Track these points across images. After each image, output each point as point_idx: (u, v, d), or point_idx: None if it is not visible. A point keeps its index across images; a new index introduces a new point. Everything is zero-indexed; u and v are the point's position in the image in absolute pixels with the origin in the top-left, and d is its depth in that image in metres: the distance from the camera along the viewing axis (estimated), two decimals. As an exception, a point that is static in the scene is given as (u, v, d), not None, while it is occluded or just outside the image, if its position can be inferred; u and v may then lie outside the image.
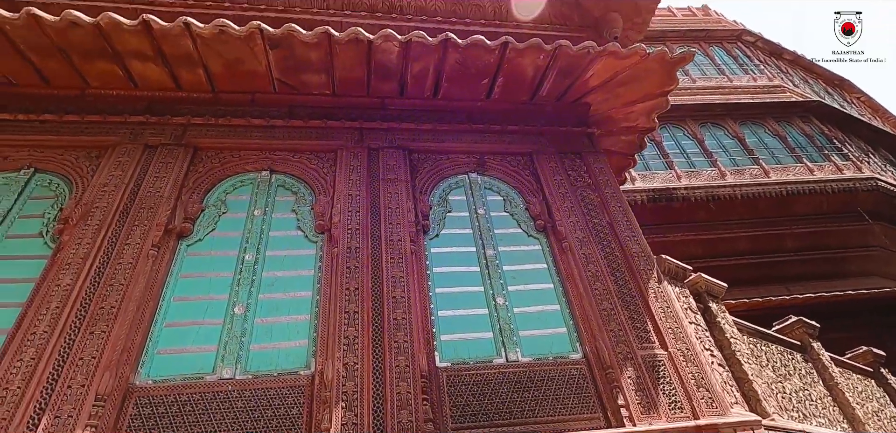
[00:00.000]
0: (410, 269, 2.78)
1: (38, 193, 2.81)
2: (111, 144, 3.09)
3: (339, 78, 3.72)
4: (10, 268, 2.45)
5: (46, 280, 2.35)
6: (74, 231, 2.56)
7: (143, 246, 2.56)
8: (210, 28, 3.18)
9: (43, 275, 2.39)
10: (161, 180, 2.93)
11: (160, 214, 2.73)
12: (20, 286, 2.35)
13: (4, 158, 2.91)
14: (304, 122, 3.58)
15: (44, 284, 2.34)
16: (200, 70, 3.48)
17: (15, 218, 2.66)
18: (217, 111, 3.51)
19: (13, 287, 2.36)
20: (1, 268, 2.45)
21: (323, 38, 3.35)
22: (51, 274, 2.37)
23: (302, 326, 2.47)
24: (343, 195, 3.14)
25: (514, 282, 2.91)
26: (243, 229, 2.85)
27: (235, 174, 3.19)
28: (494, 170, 3.74)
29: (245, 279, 2.60)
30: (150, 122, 3.26)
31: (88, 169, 2.95)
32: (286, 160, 3.36)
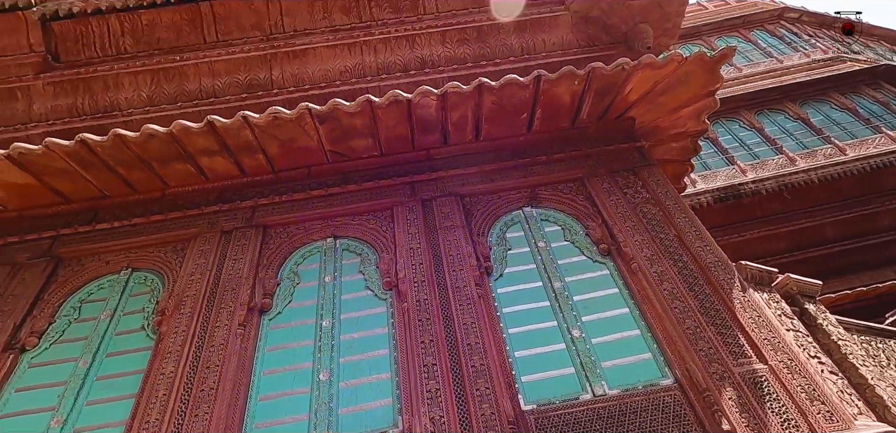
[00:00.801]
0: (480, 314, 2.83)
1: (137, 290, 3.15)
2: (192, 235, 3.43)
3: (385, 138, 3.93)
4: (121, 363, 2.74)
5: (152, 369, 2.60)
6: (170, 321, 2.83)
7: (230, 326, 2.78)
8: (265, 117, 3.49)
9: (149, 365, 2.65)
10: (239, 262, 3.19)
11: (242, 294, 2.97)
12: (131, 378, 2.62)
13: (107, 263, 3.30)
14: (359, 186, 3.80)
15: (151, 374, 2.59)
16: (260, 155, 3.80)
17: (120, 315, 2.99)
18: (279, 189, 3.80)
19: (126, 379, 2.63)
20: (114, 363, 2.74)
21: (365, 105, 3.57)
22: (155, 363, 2.63)
23: (384, 385, 2.56)
24: (404, 250, 3.27)
25: (587, 311, 2.88)
26: (317, 297, 3.03)
27: (303, 245, 3.42)
28: (548, 200, 3.76)
29: (325, 345, 2.74)
30: (223, 209, 3.58)
31: (176, 261, 3.27)
32: (347, 224, 3.56)
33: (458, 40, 5.09)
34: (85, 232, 3.47)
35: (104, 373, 2.74)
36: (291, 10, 5.12)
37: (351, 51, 4.99)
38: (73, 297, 3.14)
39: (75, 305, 3.10)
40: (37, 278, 3.17)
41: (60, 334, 2.97)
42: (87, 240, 3.44)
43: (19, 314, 2.97)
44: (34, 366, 2.83)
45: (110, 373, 2.74)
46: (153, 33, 4.87)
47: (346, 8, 5.17)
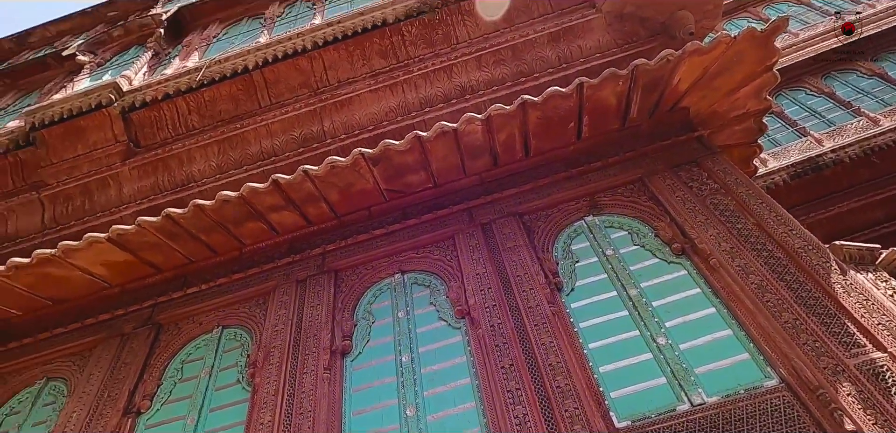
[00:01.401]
0: (557, 331, 2.80)
1: (229, 346, 3.40)
2: (271, 288, 3.66)
3: (437, 169, 4.03)
4: (224, 416, 2.95)
5: (252, 420, 2.78)
6: (262, 372, 3.01)
7: (317, 371, 2.92)
8: (322, 167, 3.68)
9: (248, 416, 2.84)
10: (316, 308, 3.36)
11: (323, 339, 3.11)
12: (234, 429, 2.81)
13: (200, 324, 3.58)
14: (418, 219, 3.90)
15: (250, 424, 2.76)
16: (322, 204, 4.01)
17: (217, 371, 3.23)
18: (344, 233, 3.98)
19: (229, 432, 2.82)
20: (217, 417, 2.95)
21: (414, 142, 3.69)
22: (254, 414, 2.80)
23: (471, 415, 2.58)
24: (471, 276, 3.31)
25: (670, 316, 2.77)
26: (393, 333, 3.12)
27: (373, 284, 3.54)
28: (610, 206, 3.69)
29: (408, 380, 2.81)
30: (296, 259, 3.80)
31: (260, 314, 3.50)
32: (412, 258, 3.66)
33: (493, 62, 5.16)
34: (178, 297, 3.80)
35: (210, 428, 2.94)
36: (333, 63, 5.42)
37: (393, 91, 5.19)
38: (176, 359, 3.43)
39: (178, 367, 3.38)
40: (143, 345, 3.50)
41: (168, 395, 3.24)
42: (181, 304, 3.76)
43: (132, 380, 3.29)
44: (150, 428, 3.09)
45: (215, 426, 2.94)
46: (215, 107, 5.31)
47: (384, 52, 5.41)
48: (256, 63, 5.40)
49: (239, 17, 7.36)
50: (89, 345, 3.70)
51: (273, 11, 7.14)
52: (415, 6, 5.52)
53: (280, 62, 5.40)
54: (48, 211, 4.78)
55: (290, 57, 5.42)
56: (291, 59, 5.40)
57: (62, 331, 3.79)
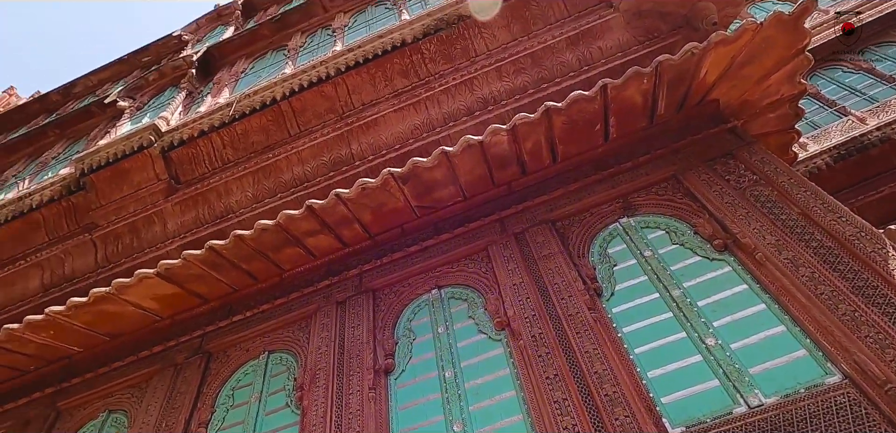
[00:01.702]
0: (600, 338, 2.75)
1: (276, 370, 3.48)
2: (312, 311, 3.73)
3: (465, 183, 4.05)
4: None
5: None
6: (309, 395, 3.08)
7: (362, 391, 2.96)
8: (354, 190, 3.75)
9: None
10: (357, 328, 3.41)
11: (366, 359, 3.16)
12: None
13: (247, 351, 3.69)
14: (451, 233, 3.92)
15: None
16: (356, 225, 4.08)
17: (266, 396, 3.31)
18: (379, 252, 4.03)
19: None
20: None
21: (441, 158, 3.72)
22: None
23: (518, 427, 2.55)
24: (508, 287, 3.29)
25: (717, 315, 2.68)
26: (434, 349, 3.13)
27: (411, 301, 3.57)
28: (644, 206, 3.62)
29: (452, 396, 2.81)
30: (334, 282, 3.88)
31: (303, 338, 3.58)
32: (447, 273, 3.67)
33: (513, 71, 5.17)
34: (224, 326, 3.92)
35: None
36: (356, 87, 5.54)
37: (416, 109, 5.25)
38: (226, 387, 3.53)
39: (229, 394, 3.48)
40: (195, 374, 3.63)
41: (221, 422, 3.33)
42: (228, 332, 3.88)
43: (187, 409, 3.40)
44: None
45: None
46: (248, 139, 5.51)
47: (405, 71, 5.50)
48: (283, 94, 5.58)
49: (264, 51, 7.63)
50: (145, 377, 3.87)
51: (296, 42, 7.37)
52: (432, 24, 5.61)
53: (306, 91, 5.56)
54: (100, 251, 5.03)
55: (315, 85, 5.57)
56: (316, 87, 5.56)
57: (120, 365, 3.97)
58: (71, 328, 3.99)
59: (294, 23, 7.81)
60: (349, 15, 7.53)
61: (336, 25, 7.38)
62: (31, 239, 5.41)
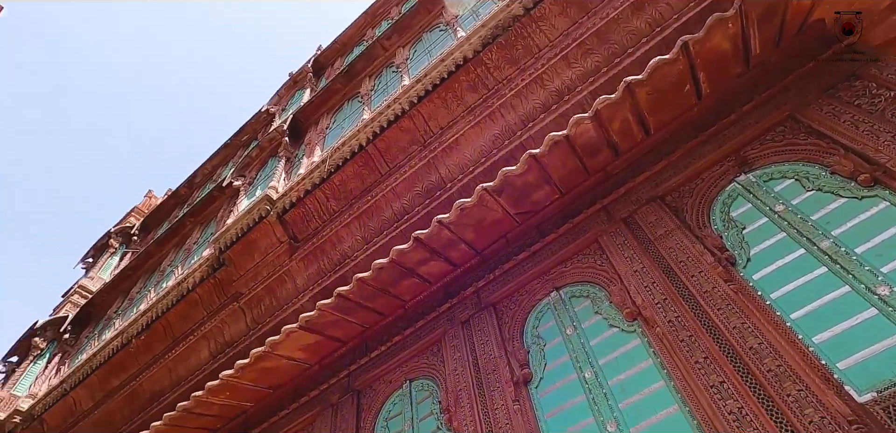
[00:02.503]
0: (746, 311, 2.53)
1: (419, 397, 3.66)
2: (440, 335, 3.88)
3: (559, 179, 3.96)
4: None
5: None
6: (457, 416, 3.19)
7: (506, 405, 3.01)
8: (453, 213, 3.83)
9: (461, 461, 3.02)
10: (486, 344, 3.49)
11: (502, 373, 3.21)
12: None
13: (390, 382, 3.94)
14: (556, 233, 3.86)
15: (462, 468, 2.93)
16: (461, 245, 4.17)
17: (417, 422, 3.49)
18: (488, 267, 4.09)
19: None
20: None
21: (529, 161, 3.68)
22: (463, 457, 2.98)
23: (676, 419, 2.42)
24: (628, 275, 3.16)
25: (883, 260, 2.32)
26: (568, 352, 3.09)
27: (532, 308, 3.56)
28: (762, 158, 3.27)
29: (598, 396, 2.76)
30: (454, 303, 4.00)
31: (438, 362, 3.73)
32: (563, 273, 3.62)
33: (581, 55, 4.96)
34: (365, 362, 4.22)
35: (425, 477, 3.18)
36: (431, 113, 5.68)
37: (492, 119, 5.26)
38: (379, 419, 3.78)
39: (383, 425, 3.72)
40: (350, 412, 3.94)
41: None
42: (369, 368, 4.17)
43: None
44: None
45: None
46: (346, 188, 5.88)
47: (473, 86, 5.53)
48: (367, 138, 5.89)
49: (340, 104, 8.12)
50: (310, 420, 4.27)
51: (366, 88, 7.75)
52: (488, 34, 5.60)
53: (386, 130, 5.82)
54: (248, 315, 5.67)
55: (393, 122, 5.81)
56: (395, 124, 5.79)
57: (285, 413, 4.43)
58: (241, 387, 4.53)
59: (360, 70, 8.22)
60: (407, 47, 7.76)
61: (398, 61, 7.64)
62: (194, 316, 6.25)
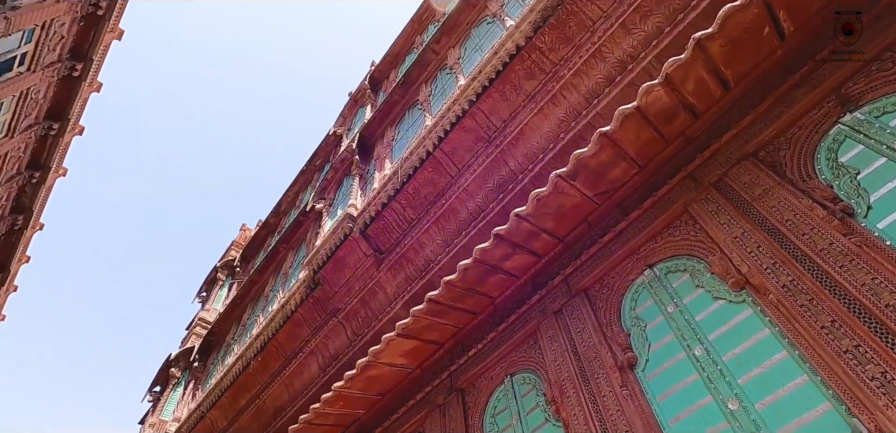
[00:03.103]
0: (875, 266, 2.29)
1: (523, 391, 3.73)
2: (534, 328, 3.87)
3: (635, 153, 3.80)
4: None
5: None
6: (564, 407, 3.21)
7: (614, 392, 2.98)
8: (529, 205, 3.79)
9: (570, 449, 3.05)
10: (583, 332, 3.45)
11: (605, 359, 3.17)
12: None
13: (491, 379, 4.05)
14: (640, 209, 3.72)
15: (576, 455, 2.96)
16: (542, 235, 4.14)
17: (524, 416, 3.55)
18: (575, 253, 4.03)
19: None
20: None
21: (601, 140, 3.56)
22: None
23: (808, 389, 2.27)
24: (728, 243, 2.97)
25: None
26: (672, 331, 2.97)
27: (626, 289, 3.44)
28: (869, 91, 2.90)
29: (713, 374, 2.64)
30: (543, 295, 3.99)
31: (536, 354, 3.76)
32: (652, 249, 3.48)
33: (640, 18, 4.68)
34: (463, 362, 4.36)
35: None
36: (491, 108, 5.68)
37: (555, 102, 5.14)
38: (486, 416, 3.87)
39: (492, 422, 3.80)
40: (457, 411, 4.11)
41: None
42: (468, 367, 4.31)
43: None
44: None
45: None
46: (419, 195, 6.06)
47: (530, 73, 5.44)
48: (433, 144, 6.02)
49: (401, 114, 8.35)
50: (419, 422, 4.51)
51: (424, 95, 7.91)
52: (538, 17, 5.47)
53: (450, 133, 5.91)
54: (347, 328, 6.08)
55: (455, 124, 5.88)
56: (457, 126, 5.86)
57: (396, 417, 4.71)
58: (352, 396, 4.89)
59: (415, 78, 8.39)
60: (458, 47, 7.79)
61: (450, 62, 7.70)
62: (300, 334, 6.82)
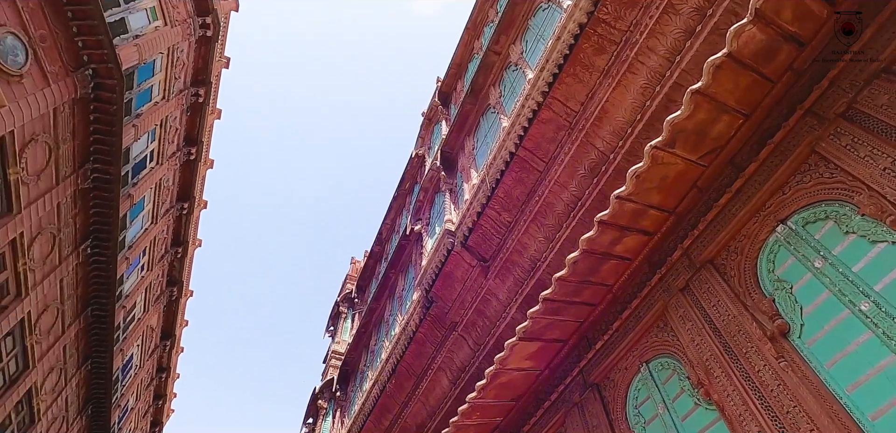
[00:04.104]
0: None
1: (663, 377, 3.58)
2: (661, 309, 3.71)
3: (736, 103, 3.49)
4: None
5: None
6: (715, 388, 3.03)
7: (771, 364, 2.75)
8: (629, 183, 3.62)
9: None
10: (717, 305, 3.23)
11: (750, 330, 2.94)
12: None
13: (625, 370, 3.93)
14: (756, 162, 3.38)
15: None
16: (650, 211, 3.95)
17: (669, 403, 3.39)
18: (689, 225, 3.81)
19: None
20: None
21: (695, 99, 3.32)
22: (737, 428, 2.83)
23: None
24: (875, 176, 2.62)
25: None
26: (825, 288, 2.66)
27: (759, 251, 3.16)
28: None
29: (890, 328, 2.33)
30: (663, 273, 3.82)
31: (669, 337, 3.61)
32: (782, 203, 3.12)
33: (709, -46, 4.26)
34: (592, 357, 4.32)
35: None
36: (567, 95, 5.54)
37: (632, 71, 4.87)
38: (628, 408, 3.80)
39: (635, 415, 3.71)
40: (595, 406, 4.06)
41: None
42: (599, 362, 4.25)
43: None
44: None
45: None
46: (512, 197, 6.09)
47: (599, 48, 5.22)
48: (514, 145, 6.04)
49: (476, 122, 8.47)
50: (559, 422, 4.54)
51: (494, 97, 7.94)
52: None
53: (529, 129, 5.88)
54: (469, 339, 6.35)
55: (533, 119, 5.83)
56: (535, 120, 5.81)
57: (535, 420, 4.81)
58: (486, 405, 5.10)
59: (482, 83, 8.45)
60: (518, 41, 7.70)
61: (514, 59, 7.64)
62: (425, 352, 7.27)
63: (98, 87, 8.29)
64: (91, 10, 7.62)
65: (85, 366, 11.81)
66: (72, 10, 7.54)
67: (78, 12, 7.59)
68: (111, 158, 9.02)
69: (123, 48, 8.79)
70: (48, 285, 9.03)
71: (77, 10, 7.57)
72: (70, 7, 7.50)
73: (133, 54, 9.18)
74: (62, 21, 7.55)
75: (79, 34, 7.74)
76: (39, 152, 7.74)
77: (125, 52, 8.82)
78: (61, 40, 7.59)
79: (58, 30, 7.51)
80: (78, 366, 11.54)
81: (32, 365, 9.32)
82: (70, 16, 7.57)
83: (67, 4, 7.47)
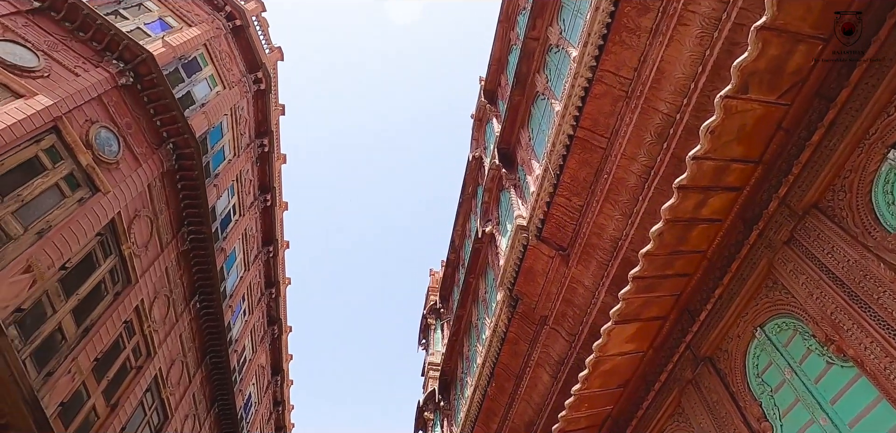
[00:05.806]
0: None
1: (783, 339, 3.29)
2: (765, 266, 3.44)
3: (811, 27, 3.10)
4: (848, 403, 2.84)
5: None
6: (848, 342, 2.75)
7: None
8: (704, 139, 3.38)
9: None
10: (836, 251, 2.92)
11: (880, 273, 2.61)
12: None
13: (738, 337, 3.64)
14: (848, 88, 3.06)
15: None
16: (733, 165, 3.70)
17: (796, 366, 3.17)
18: (782, 170, 3.54)
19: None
20: (844, 408, 2.83)
21: (762, 36, 3.01)
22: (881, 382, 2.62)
23: None
24: None
25: None
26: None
27: (872, 182, 2.83)
28: None
29: None
30: (761, 229, 3.55)
31: (780, 295, 3.31)
32: (888, 129, 2.80)
33: None
34: (698, 329, 4.09)
35: (847, 418, 2.81)
36: (617, 64, 5.35)
37: (683, 24, 4.58)
38: (749, 378, 3.56)
39: (758, 383, 3.47)
40: (712, 380, 3.80)
41: (778, 410, 3.27)
42: (705, 334, 4.01)
43: (736, 414, 3.56)
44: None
45: (852, 416, 2.79)
46: (578, 179, 5.99)
47: (642, 7, 5.00)
48: (571, 126, 5.90)
49: (528, 112, 8.36)
50: (674, 403, 4.33)
51: (541, 84, 7.81)
52: (628, -58, 4.97)
53: (583, 108, 5.73)
54: (562, 331, 6.30)
55: (585, 97, 5.68)
56: (588, 98, 5.64)
57: (647, 404, 4.68)
58: (593, 395, 5.04)
59: (526, 72, 8.31)
60: (555, 22, 7.50)
61: (553, 40, 7.46)
62: (520, 351, 7.33)
63: (180, 157, 9.15)
64: (163, 91, 8.48)
65: (213, 409, 13.22)
66: (147, 95, 8.41)
67: (152, 95, 8.45)
68: (201, 219, 9.94)
69: (194, 117, 9.64)
70: (171, 342, 10.21)
71: (151, 93, 8.43)
72: (145, 92, 8.38)
73: (203, 121, 10.07)
74: (140, 106, 8.40)
75: (156, 114, 8.59)
76: (143, 226, 8.65)
77: (196, 121, 9.68)
78: (143, 123, 8.45)
79: (139, 114, 8.38)
80: (207, 410, 12.98)
81: (171, 415, 10.65)
82: (146, 100, 8.43)
83: (143, 90, 8.37)
